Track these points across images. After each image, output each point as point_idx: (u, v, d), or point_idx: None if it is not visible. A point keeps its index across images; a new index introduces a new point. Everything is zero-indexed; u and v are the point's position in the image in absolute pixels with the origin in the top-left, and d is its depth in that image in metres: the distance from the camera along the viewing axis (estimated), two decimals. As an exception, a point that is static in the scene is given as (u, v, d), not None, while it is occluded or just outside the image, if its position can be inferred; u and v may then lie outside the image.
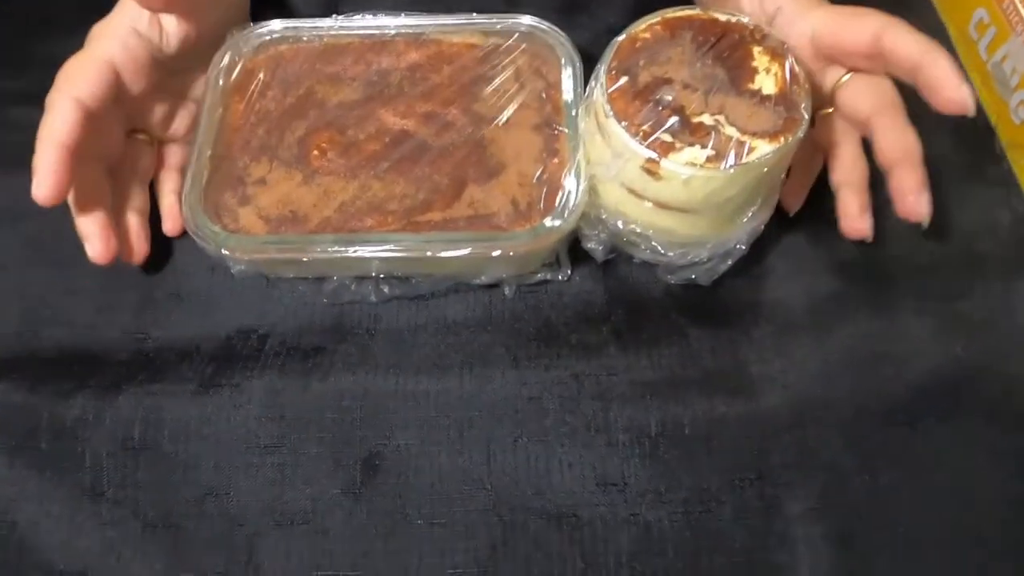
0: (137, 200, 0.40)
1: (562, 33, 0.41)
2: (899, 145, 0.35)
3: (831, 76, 0.37)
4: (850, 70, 0.37)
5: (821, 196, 0.40)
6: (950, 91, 0.33)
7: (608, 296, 0.39)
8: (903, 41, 0.34)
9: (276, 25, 0.42)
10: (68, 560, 0.34)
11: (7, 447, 0.36)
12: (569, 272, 0.39)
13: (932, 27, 0.47)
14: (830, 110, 0.38)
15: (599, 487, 0.34)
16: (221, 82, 0.41)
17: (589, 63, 0.41)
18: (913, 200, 0.35)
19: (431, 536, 0.34)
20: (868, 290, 0.38)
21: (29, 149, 0.45)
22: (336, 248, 0.35)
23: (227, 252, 0.36)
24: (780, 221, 0.41)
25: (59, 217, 0.37)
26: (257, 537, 0.34)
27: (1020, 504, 0.34)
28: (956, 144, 0.43)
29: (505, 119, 0.39)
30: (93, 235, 0.37)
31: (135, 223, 0.40)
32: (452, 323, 0.39)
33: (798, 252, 0.40)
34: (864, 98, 0.36)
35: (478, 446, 0.35)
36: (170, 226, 0.41)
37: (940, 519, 0.34)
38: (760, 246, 0.40)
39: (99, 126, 0.36)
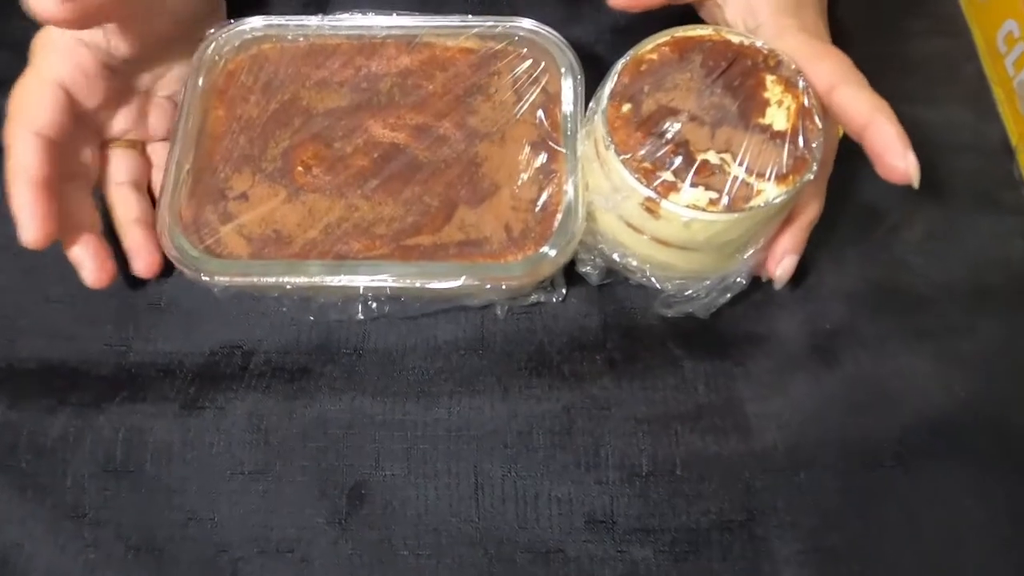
0: (134, 210, 0.38)
1: (563, 39, 0.38)
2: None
3: None
4: None
5: (828, 224, 0.38)
6: (893, 158, 0.30)
7: (603, 321, 0.38)
8: (853, 100, 0.32)
9: (259, 22, 0.39)
10: (51, 583, 0.34)
11: (-13, 466, 0.35)
12: (564, 293, 0.38)
13: (960, 32, 0.45)
14: None
15: (587, 524, 0.34)
16: (200, 84, 0.38)
17: (591, 62, 0.39)
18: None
19: (417, 568, 0.34)
20: (870, 324, 0.37)
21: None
22: (323, 276, 0.34)
23: (207, 278, 0.34)
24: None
25: None
26: (241, 563, 0.34)
27: (1008, 548, 0.34)
28: (969, 167, 0.41)
29: (501, 135, 0.37)
30: (86, 261, 0.35)
31: (139, 235, 0.38)
32: (442, 344, 0.38)
33: (801, 280, 0.39)
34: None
35: (466, 479, 0.35)
36: (141, 266, 0.37)
37: (929, 563, 0.33)
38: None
39: (66, 150, 0.34)
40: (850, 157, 0.42)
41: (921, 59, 0.44)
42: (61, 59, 0.34)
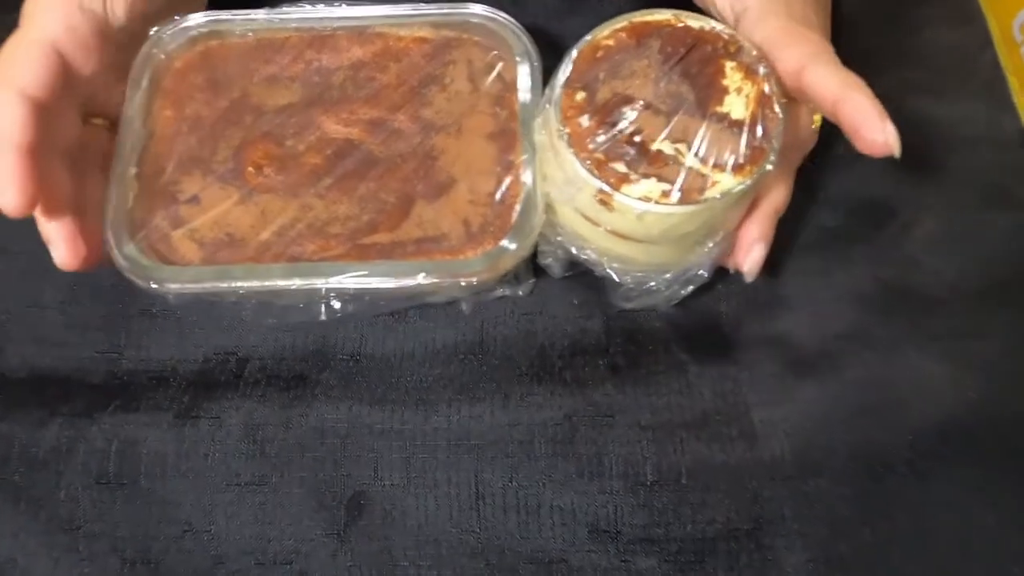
0: (101, 193, 0.36)
1: (518, 24, 0.37)
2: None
3: None
4: None
5: (837, 221, 0.37)
6: (870, 132, 0.29)
7: (606, 324, 0.37)
8: (822, 78, 0.30)
9: (203, 18, 0.38)
10: (46, 598, 0.33)
11: (-21, 478, 0.35)
12: (532, 285, 0.37)
13: (973, 19, 0.44)
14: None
15: (591, 534, 0.33)
16: (145, 83, 0.37)
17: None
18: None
19: (417, 579, 0.33)
20: (880, 326, 0.36)
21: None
22: (277, 280, 0.33)
23: (157, 286, 0.33)
24: (792, 247, 0.39)
25: (26, 220, 0.34)
26: (238, 575, 0.34)
27: (1019, 556, 0.33)
28: (983, 161, 0.40)
29: (457, 127, 0.36)
30: (59, 239, 0.33)
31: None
32: (441, 348, 0.37)
33: (810, 280, 0.38)
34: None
35: (467, 489, 0.34)
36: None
37: (939, 572, 0.33)
38: (770, 274, 0.38)
39: (52, 117, 0.32)
40: (858, 154, 0.41)
41: (934, 49, 0.43)
42: (56, 20, 0.33)
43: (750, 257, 0.34)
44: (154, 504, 0.34)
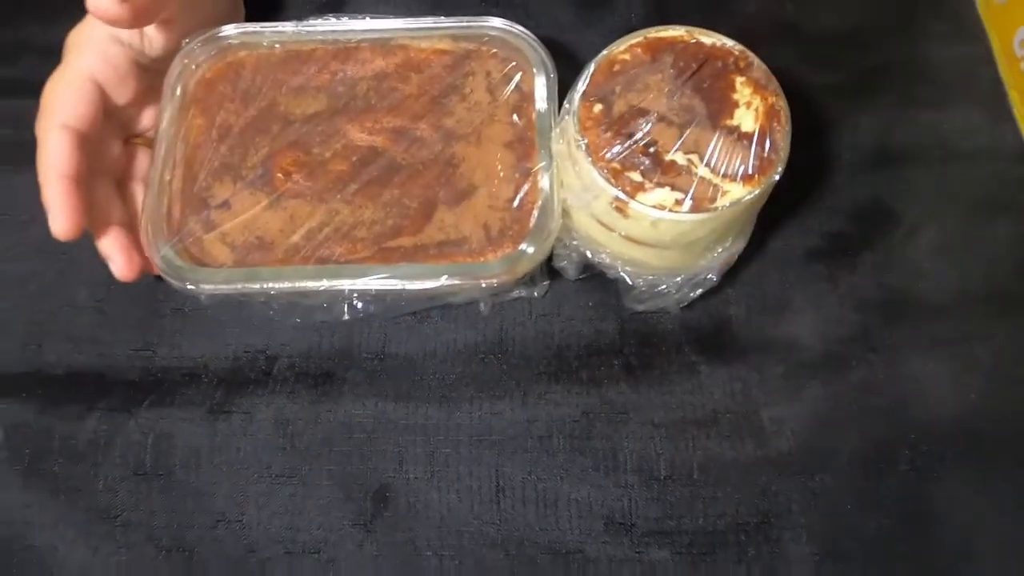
0: None
1: (534, 37, 0.39)
2: None
3: None
4: None
5: (842, 229, 0.39)
6: None
7: (620, 326, 0.39)
8: None
9: (233, 30, 0.39)
10: (86, 583, 0.35)
11: (20, 469, 0.36)
12: (547, 287, 0.39)
13: (976, 36, 0.45)
14: None
15: (606, 526, 0.35)
16: (178, 93, 0.38)
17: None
18: None
19: (440, 568, 0.35)
20: (885, 331, 0.38)
21: (25, 145, 0.43)
22: (306, 281, 0.35)
23: (192, 287, 0.35)
24: (800, 253, 0.40)
25: None
26: (269, 563, 0.35)
27: (1021, 553, 0.35)
28: (985, 172, 0.42)
29: (477, 136, 0.38)
30: (115, 254, 0.36)
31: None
32: (462, 349, 0.38)
33: (817, 287, 0.39)
34: None
35: (487, 482, 0.35)
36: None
37: (943, 568, 0.34)
38: (778, 279, 0.39)
39: (95, 145, 0.35)
40: (864, 161, 0.42)
41: (938, 64, 0.44)
42: (94, 55, 0.35)
43: None
44: (189, 495, 0.36)
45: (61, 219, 0.33)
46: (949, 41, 0.45)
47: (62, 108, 0.34)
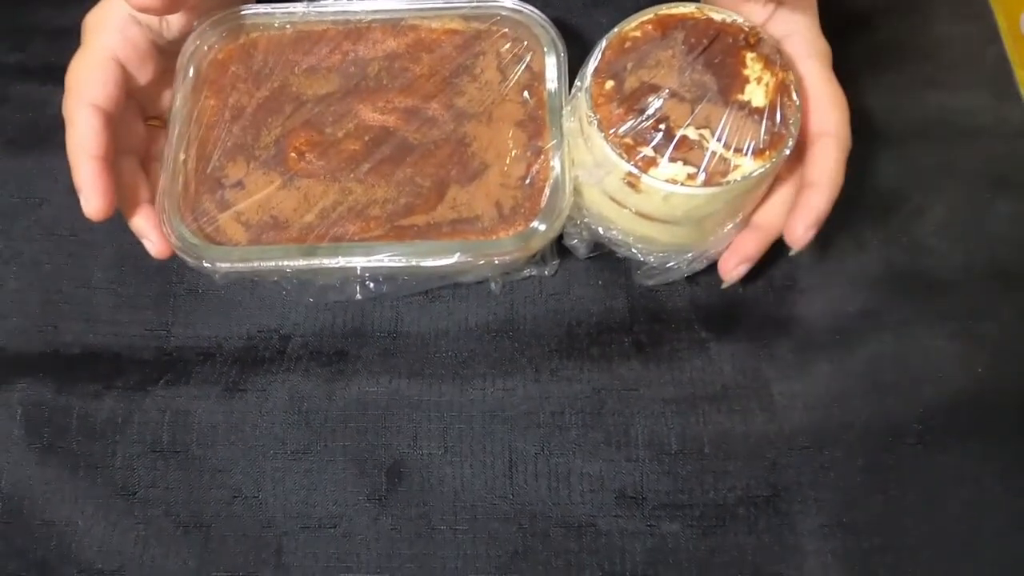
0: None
1: (544, 16, 0.39)
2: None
3: None
4: None
5: (849, 208, 0.39)
6: (796, 230, 0.34)
7: (630, 304, 0.39)
8: (819, 160, 0.34)
9: (245, 12, 0.40)
10: (105, 559, 0.35)
11: (39, 447, 0.37)
12: (556, 266, 0.39)
13: (981, 15, 0.45)
14: None
15: (618, 500, 0.35)
16: (191, 74, 0.39)
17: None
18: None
19: (454, 542, 0.35)
20: (893, 307, 0.38)
21: (36, 128, 0.44)
22: (321, 259, 0.35)
23: (208, 265, 0.35)
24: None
25: (73, 204, 0.36)
26: (285, 538, 0.36)
27: (1026, 523, 0.35)
28: (990, 150, 0.42)
29: (488, 115, 0.38)
30: (149, 231, 0.36)
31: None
32: (474, 327, 0.39)
33: (824, 265, 0.39)
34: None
35: (500, 457, 0.36)
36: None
37: (948, 538, 0.35)
38: (786, 258, 0.40)
39: (120, 124, 0.35)
40: (870, 140, 0.43)
41: (943, 42, 0.45)
42: (115, 36, 0.35)
43: (734, 272, 0.36)
44: (205, 471, 0.36)
45: (94, 199, 0.33)
46: (955, 20, 0.45)
47: (88, 88, 0.34)
